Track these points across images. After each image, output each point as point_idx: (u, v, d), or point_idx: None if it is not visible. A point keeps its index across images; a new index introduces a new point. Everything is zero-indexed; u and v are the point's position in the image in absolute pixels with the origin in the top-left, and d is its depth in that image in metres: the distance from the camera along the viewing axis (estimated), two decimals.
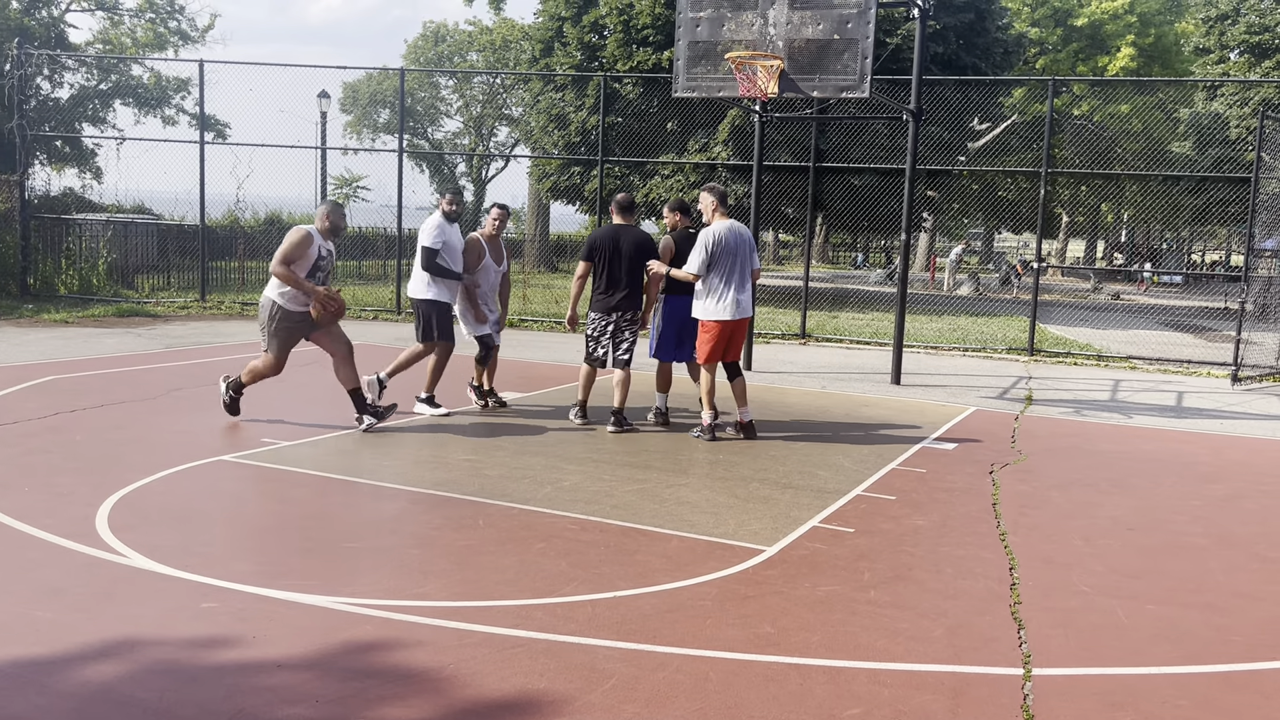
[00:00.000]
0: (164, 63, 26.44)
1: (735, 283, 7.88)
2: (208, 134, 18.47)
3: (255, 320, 8.42)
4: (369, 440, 7.43)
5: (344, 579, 4.62)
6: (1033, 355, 14.38)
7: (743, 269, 7.93)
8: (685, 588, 4.71)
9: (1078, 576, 5.12)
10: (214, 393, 9.04)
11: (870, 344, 15.08)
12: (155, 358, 11.02)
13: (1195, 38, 26.10)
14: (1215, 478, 7.46)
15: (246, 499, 5.84)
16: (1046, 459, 7.86)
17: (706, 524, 5.68)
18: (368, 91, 45.11)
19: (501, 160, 45.62)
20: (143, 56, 26.04)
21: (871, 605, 4.59)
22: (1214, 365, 13.60)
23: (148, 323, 14.33)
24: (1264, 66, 22.65)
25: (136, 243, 18.29)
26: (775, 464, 7.24)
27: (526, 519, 5.65)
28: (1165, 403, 10.90)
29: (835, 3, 9.94)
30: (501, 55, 41.31)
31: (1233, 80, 22.76)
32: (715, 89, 10.60)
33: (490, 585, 4.62)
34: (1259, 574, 5.31)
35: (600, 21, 22.47)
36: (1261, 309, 14.10)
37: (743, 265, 7.93)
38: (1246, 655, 4.23)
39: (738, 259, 7.87)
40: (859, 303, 22.76)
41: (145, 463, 6.49)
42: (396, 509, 5.76)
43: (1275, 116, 13.90)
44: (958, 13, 21.31)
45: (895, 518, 6.03)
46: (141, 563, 4.70)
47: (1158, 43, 39.20)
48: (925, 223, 32.52)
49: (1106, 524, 6.11)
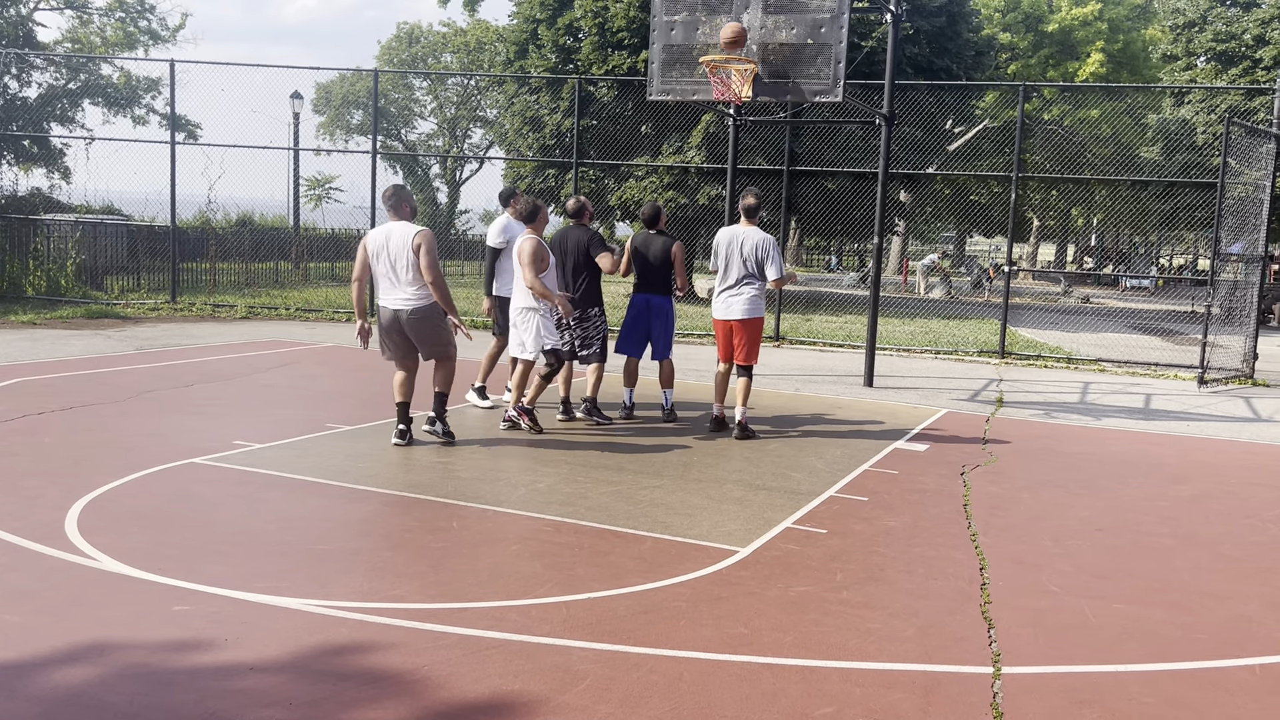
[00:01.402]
0: (134, 62, 26.18)
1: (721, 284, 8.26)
2: (179, 134, 18.32)
3: (225, 321, 8.39)
4: (342, 442, 7.40)
5: (317, 581, 4.60)
6: (1004, 358, 14.51)
7: (727, 271, 8.20)
8: (659, 589, 4.72)
9: (1047, 577, 5.18)
10: (184, 394, 8.98)
11: (843, 346, 15.17)
12: (125, 360, 10.92)
13: (1163, 45, 26.42)
14: (1182, 479, 7.56)
15: (218, 501, 5.81)
16: (1017, 460, 7.94)
17: (681, 525, 5.71)
18: (341, 92, 44.90)
19: (476, 162, 45.53)
20: (112, 56, 25.78)
21: (844, 605, 4.63)
22: (1181, 368, 13.78)
23: (117, 324, 14.20)
24: (1230, 74, 22.95)
25: (106, 243, 18.11)
26: (749, 465, 7.28)
27: (500, 521, 5.65)
28: (1133, 405, 11.04)
29: (809, 7, 10.00)
30: (476, 57, 41.24)
31: (1200, 87, 23.06)
32: (690, 92, 10.63)
33: (464, 587, 4.62)
34: (1224, 573, 5.39)
35: (575, 24, 22.48)
36: (1227, 312, 14.30)
37: (729, 268, 8.20)
38: (1211, 653, 4.30)
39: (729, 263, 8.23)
40: (832, 306, 22.89)
41: (115, 465, 6.43)
42: (370, 511, 5.75)
43: (1241, 123, 14.11)
44: (930, 16, 21.49)
45: (867, 519, 6.07)
46: (112, 565, 4.67)
47: (1126, 49, 39.73)
48: (898, 227, 32.77)
49: (1075, 525, 6.19)
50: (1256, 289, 13.49)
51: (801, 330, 16.76)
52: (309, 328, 14.77)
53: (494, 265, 8.99)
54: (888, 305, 23.21)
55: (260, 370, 10.60)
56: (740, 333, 8.22)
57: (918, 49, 21.27)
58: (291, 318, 15.94)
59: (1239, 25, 22.69)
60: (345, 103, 45.32)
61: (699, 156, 20.29)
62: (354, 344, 13.06)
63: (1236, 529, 6.27)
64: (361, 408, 8.76)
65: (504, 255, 8.89)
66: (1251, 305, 13.52)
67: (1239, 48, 22.73)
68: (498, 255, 8.93)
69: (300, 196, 27.47)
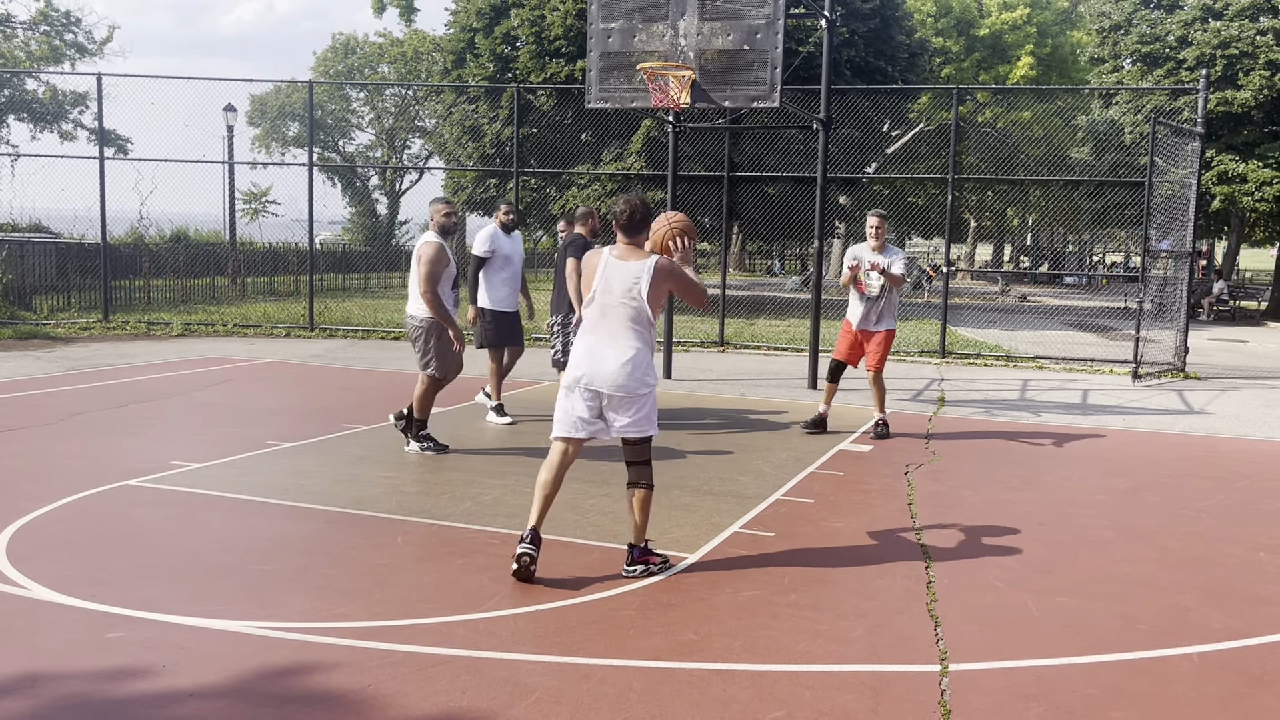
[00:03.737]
0: (60, 76, 25.60)
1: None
2: (109, 149, 17.92)
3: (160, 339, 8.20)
4: (284, 460, 7.27)
5: (258, 603, 4.50)
6: (944, 357, 14.71)
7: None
8: (608, 598, 4.70)
9: (991, 572, 5.25)
10: (118, 415, 8.77)
11: (787, 350, 15.27)
12: (55, 381, 10.64)
13: (1090, 48, 27.03)
14: (1119, 472, 7.71)
15: (154, 524, 5.66)
16: (959, 459, 8.04)
17: (629, 533, 5.67)
18: (276, 104, 44.29)
19: (415, 173, 45.16)
20: (37, 70, 25.17)
21: (792, 608, 4.64)
22: (1116, 363, 14.08)
23: (47, 345, 13.83)
24: (1155, 75, 23.54)
25: (34, 262, 17.63)
26: (696, 471, 7.28)
27: (446, 535, 5.59)
28: (1071, 400, 11.25)
29: (745, 14, 10.07)
30: (413, 67, 40.96)
31: (1126, 88, 23.62)
32: (628, 100, 10.65)
33: (410, 603, 4.55)
34: (1161, 563, 5.50)
35: (512, 33, 22.42)
36: (1158, 307, 14.65)
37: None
38: (1150, 643, 4.38)
39: None
40: (775, 310, 23.04)
41: (45, 490, 6.25)
42: (312, 529, 5.64)
43: (1166, 122, 14.47)
44: (864, 19, 21.77)
45: (814, 521, 6.11)
46: (42, 594, 4.52)
47: (1055, 53, 40.63)
48: (839, 230, 33.09)
49: (1018, 520, 6.27)
50: (1185, 284, 13.84)
51: (746, 335, 16.85)
52: (247, 344, 14.52)
53: (478, 275, 8.87)
54: (830, 308, 23.41)
55: (198, 388, 10.39)
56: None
57: (854, 51, 21.55)
58: (229, 334, 15.65)
59: (1163, 28, 23.28)
60: (281, 114, 44.71)
61: (639, 163, 20.32)
62: (292, 360, 12.87)
63: (1172, 520, 6.40)
64: (303, 424, 8.62)
65: (489, 265, 8.82)
66: (1181, 300, 13.86)
67: (1163, 49, 23.31)
68: (482, 265, 8.82)
69: (236, 210, 27.04)
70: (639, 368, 4.91)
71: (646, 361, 4.96)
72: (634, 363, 4.90)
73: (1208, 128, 16.58)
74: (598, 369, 4.91)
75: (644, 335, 4.96)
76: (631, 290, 4.90)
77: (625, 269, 4.93)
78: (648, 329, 4.97)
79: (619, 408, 4.93)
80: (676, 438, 8.45)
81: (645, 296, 4.89)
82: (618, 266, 4.94)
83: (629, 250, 4.99)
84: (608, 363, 4.89)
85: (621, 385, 4.88)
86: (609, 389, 4.90)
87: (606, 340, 4.93)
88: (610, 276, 4.94)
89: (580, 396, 4.97)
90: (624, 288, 4.91)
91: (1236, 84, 21.84)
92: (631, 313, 4.92)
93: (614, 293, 4.93)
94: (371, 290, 27.79)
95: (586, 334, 5.02)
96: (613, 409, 4.94)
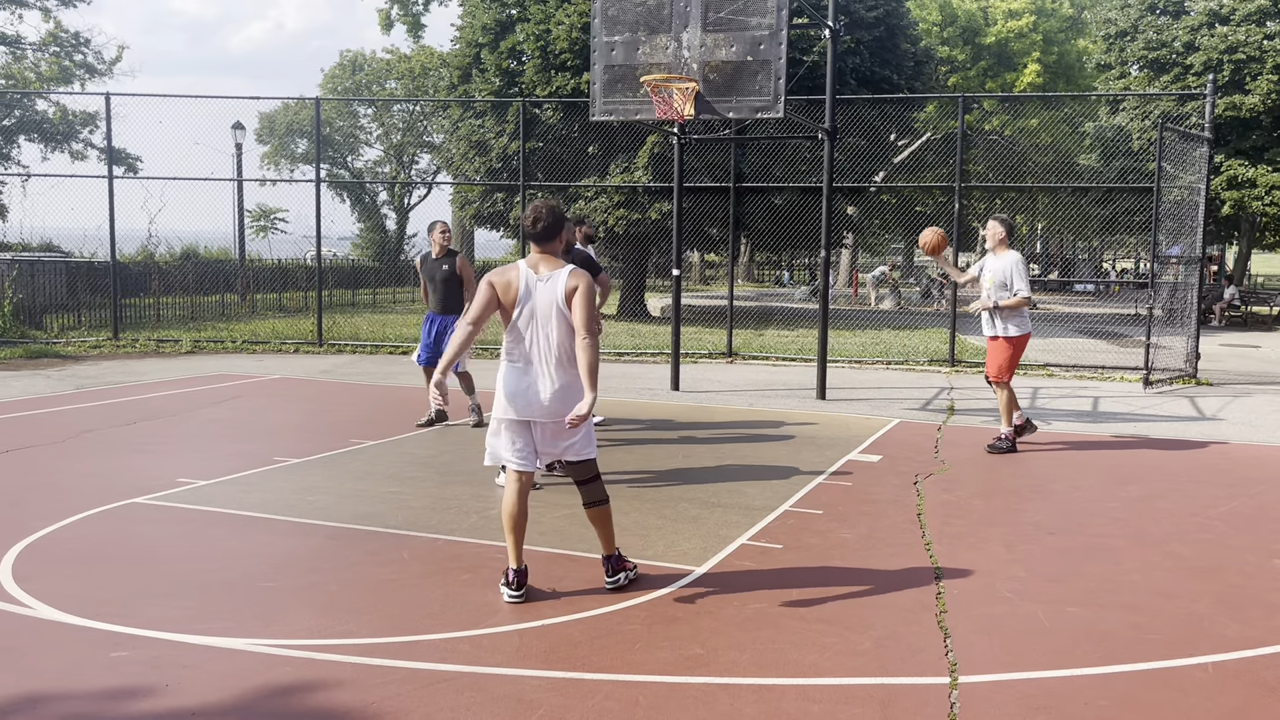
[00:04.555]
0: (69, 96, 25.76)
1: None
2: (119, 168, 18.02)
3: (169, 356, 8.20)
4: (291, 476, 7.26)
5: (262, 620, 4.48)
6: (954, 366, 14.65)
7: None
8: (614, 612, 4.66)
9: (1001, 583, 5.19)
10: (126, 433, 8.78)
11: (795, 360, 15.23)
12: (65, 399, 10.66)
13: (1096, 54, 27.00)
14: (1130, 479, 7.65)
15: (160, 541, 5.65)
16: (969, 468, 7.98)
17: (635, 546, 5.65)
18: (285, 121, 44.48)
19: (423, 188, 45.29)
20: (47, 91, 25.34)
21: (800, 621, 4.60)
22: (1127, 370, 13.99)
23: (58, 364, 13.88)
24: (1162, 81, 23.47)
25: (44, 281, 17.72)
26: (703, 482, 7.24)
27: (452, 550, 5.56)
28: (1081, 408, 11.17)
29: (747, 25, 10.07)
30: (421, 83, 41.10)
31: (1133, 94, 23.56)
32: (632, 112, 10.65)
33: (414, 620, 4.53)
34: (1173, 572, 5.44)
35: (518, 47, 22.46)
36: (1169, 314, 14.57)
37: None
38: (1164, 653, 4.32)
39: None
40: (784, 320, 23.00)
41: (53, 509, 6.25)
42: (317, 545, 5.62)
43: (1174, 128, 14.42)
44: (870, 28, 21.76)
45: (822, 532, 6.06)
46: (47, 613, 4.51)
47: (1061, 60, 40.55)
48: (846, 239, 33.07)
49: (1028, 529, 6.22)
50: (1196, 290, 13.75)
51: (754, 345, 16.81)
52: (256, 360, 14.54)
53: None
54: (838, 318, 23.37)
55: (205, 405, 10.40)
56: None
57: (859, 59, 21.53)
58: (238, 350, 15.68)
59: (1169, 33, 23.24)
60: (290, 132, 44.87)
61: (646, 176, 20.33)
62: (300, 376, 12.88)
63: (1185, 527, 6.34)
64: (310, 440, 8.61)
65: None
66: (1192, 306, 13.77)
67: (1170, 55, 23.26)
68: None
69: (245, 227, 27.15)
70: (574, 392, 4.66)
71: (577, 386, 4.66)
72: (568, 392, 4.67)
73: (1216, 133, 16.52)
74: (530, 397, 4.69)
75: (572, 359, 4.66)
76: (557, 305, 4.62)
77: (547, 284, 4.64)
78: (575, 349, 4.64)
79: (554, 435, 4.73)
80: (684, 450, 8.41)
81: (566, 306, 4.60)
82: (538, 282, 4.66)
83: (545, 261, 4.71)
84: (539, 391, 4.68)
85: (557, 412, 4.67)
86: (540, 418, 4.70)
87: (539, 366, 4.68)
88: (534, 295, 4.65)
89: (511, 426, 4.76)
90: (547, 304, 4.63)
91: (1245, 89, 21.77)
92: (561, 332, 4.64)
93: (540, 312, 4.65)
94: (380, 305, 27.84)
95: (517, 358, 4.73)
96: (548, 437, 4.74)
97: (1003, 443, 8.61)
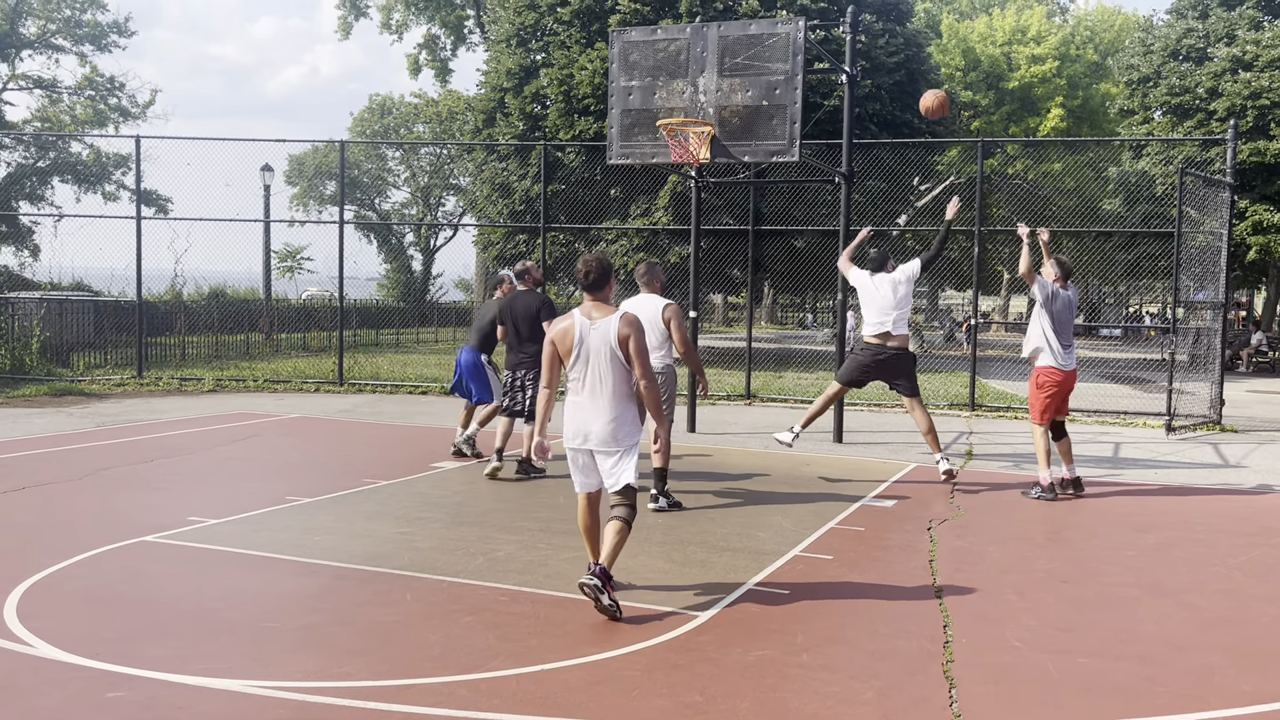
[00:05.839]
0: (102, 139, 26.29)
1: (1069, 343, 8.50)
2: (150, 209, 18.31)
3: (192, 395, 8.29)
4: (300, 516, 7.27)
5: (261, 661, 4.47)
6: (974, 410, 14.53)
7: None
8: (615, 658, 4.62)
9: (1011, 631, 5.11)
10: (143, 470, 8.83)
11: (814, 402, 15.11)
12: (85, 436, 10.76)
13: (1120, 99, 26.98)
14: (1148, 527, 7.52)
15: (166, 580, 5.66)
16: (984, 514, 7.88)
17: (641, 589, 5.60)
18: (314, 164, 45.17)
19: (449, 229, 45.73)
20: (81, 134, 25.86)
21: (803, 669, 4.53)
22: (1150, 415, 13.82)
23: (81, 401, 14.03)
24: (1185, 126, 23.40)
25: (72, 320, 17.97)
26: (714, 526, 7.19)
27: (456, 592, 5.54)
28: (1102, 454, 11.03)
29: (764, 70, 10.15)
30: (448, 126, 41.66)
31: (1156, 139, 23.51)
32: (649, 156, 10.74)
33: (414, 662, 4.50)
34: (1188, 623, 5.33)
35: (542, 92, 22.75)
36: (1193, 359, 14.41)
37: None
38: (1174, 706, 4.22)
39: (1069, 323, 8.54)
40: (803, 362, 22.92)
41: (63, 546, 6.28)
42: (321, 585, 5.61)
43: (1195, 173, 14.35)
44: (890, 73, 21.87)
45: (832, 578, 5.99)
46: (48, 651, 4.52)
47: (1085, 104, 40.60)
48: None
49: (1041, 577, 6.12)
50: (1221, 335, 13.61)
51: (773, 388, 16.76)
52: (277, 399, 14.64)
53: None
54: None
55: (223, 443, 10.46)
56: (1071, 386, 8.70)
57: (880, 105, 21.62)
58: (260, 389, 15.80)
59: (1192, 79, 23.20)
60: (319, 174, 45.56)
61: (666, 218, 20.44)
62: (320, 415, 12.95)
63: (1202, 577, 6.22)
64: (323, 479, 8.63)
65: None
66: (1216, 352, 13.62)
67: (1193, 101, 23.20)
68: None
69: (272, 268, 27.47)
70: (624, 425, 5.29)
71: (631, 417, 5.32)
72: (619, 423, 5.27)
73: (1240, 178, 16.42)
74: (587, 428, 5.28)
75: (627, 391, 5.31)
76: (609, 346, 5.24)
77: (599, 329, 5.26)
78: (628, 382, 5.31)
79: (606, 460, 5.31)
80: (697, 492, 8.37)
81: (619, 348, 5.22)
82: (591, 328, 5.28)
83: (594, 307, 5.34)
84: (592, 423, 5.27)
85: (604, 441, 5.25)
86: (596, 447, 5.28)
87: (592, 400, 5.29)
88: (588, 339, 5.27)
89: (578, 456, 5.39)
90: (600, 346, 5.25)
91: (1269, 134, 21.66)
92: (613, 371, 5.26)
93: (593, 353, 5.27)
94: (404, 345, 28.03)
95: (576, 392, 5.36)
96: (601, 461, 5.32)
97: (1033, 490, 8.48)
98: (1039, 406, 8.51)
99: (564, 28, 22.50)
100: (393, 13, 36.82)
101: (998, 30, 40.83)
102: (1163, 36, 24.62)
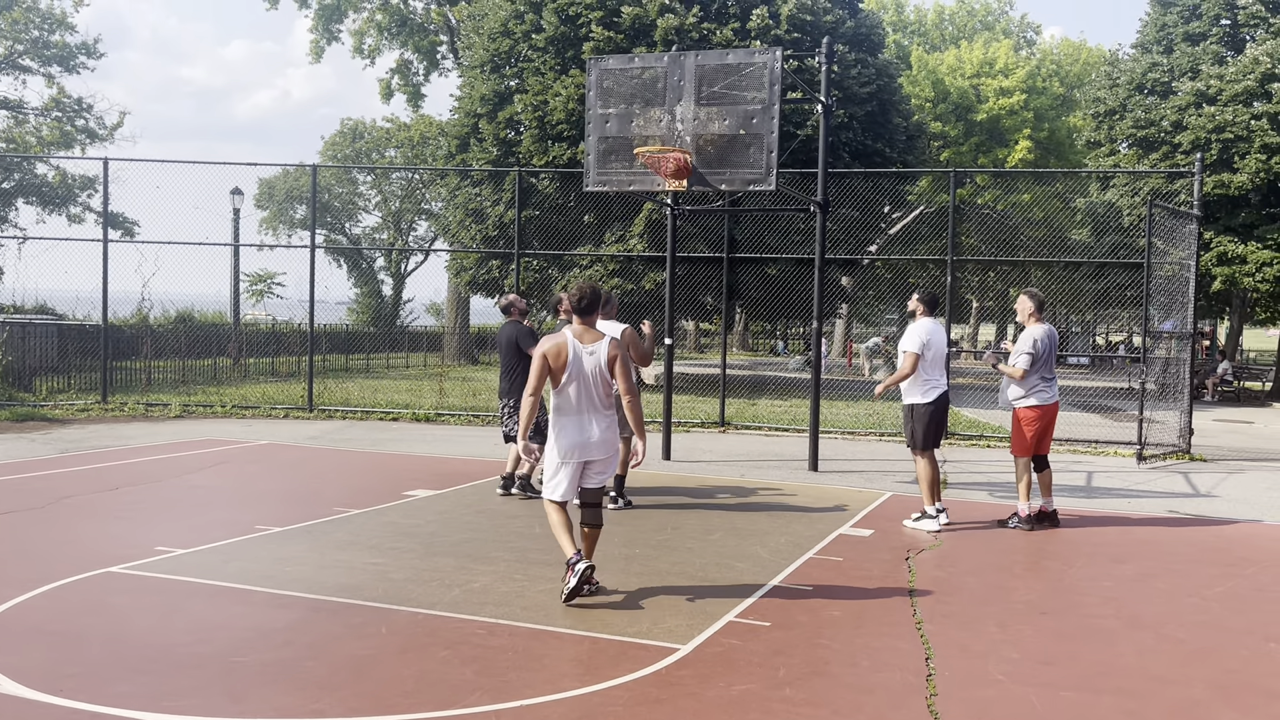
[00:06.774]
0: (68, 160, 25.99)
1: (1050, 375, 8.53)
2: (116, 232, 18.08)
3: (157, 420, 8.12)
4: (270, 545, 7.12)
5: (230, 697, 4.34)
6: (947, 439, 14.56)
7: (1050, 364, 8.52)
8: (595, 693, 4.53)
9: (993, 664, 5.07)
10: (108, 499, 8.64)
11: (789, 430, 15.14)
12: (48, 464, 10.54)
13: (1086, 132, 27.37)
14: (1125, 558, 7.53)
15: (133, 613, 5.51)
16: (962, 543, 7.87)
17: (620, 623, 5.52)
18: (284, 188, 44.86)
19: (420, 254, 45.53)
20: (46, 155, 25.55)
21: (785, 703, 4.47)
22: (1120, 444, 13.91)
23: (44, 427, 13.76)
24: (1151, 158, 23.75)
25: (35, 344, 17.66)
26: (692, 557, 7.12)
27: (432, 624, 5.43)
28: (1075, 483, 11.08)
29: (740, 99, 10.17)
30: (420, 151, 41.56)
31: (1123, 171, 23.84)
32: (626, 183, 10.72)
33: (388, 698, 4.39)
34: (1169, 655, 5.32)
35: (516, 118, 22.76)
36: (1162, 388, 14.54)
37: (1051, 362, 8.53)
38: None
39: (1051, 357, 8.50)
40: (777, 390, 22.95)
41: (24, 577, 6.11)
42: (294, 618, 5.49)
43: (1163, 205, 14.54)
44: (862, 104, 22.07)
45: (811, 609, 5.94)
46: (8, 688, 4.37)
47: (1052, 136, 41.20)
48: (841, 310, 33.19)
49: (1021, 608, 6.10)
50: (1188, 365, 13.75)
51: (747, 415, 16.74)
52: (245, 425, 14.43)
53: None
54: (832, 388, 23.32)
55: (190, 471, 10.27)
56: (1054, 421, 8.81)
57: (852, 134, 21.81)
58: (227, 415, 15.58)
59: (1157, 112, 23.57)
60: (289, 197, 45.24)
61: (641, 245, 20.45)
62: (289, 442, 12.77)
63: (1180, 608, 6.22)
64: (294, 508, 8.48)
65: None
66: (1184, 381, 13.76)
67: (1158, 133, 23.56)
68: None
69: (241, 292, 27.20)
70: (613, 431, 6.04)
71: (617, 423, 6.13)
72: (610, 429, 6.00)
73: (1206, 210, 16.64)
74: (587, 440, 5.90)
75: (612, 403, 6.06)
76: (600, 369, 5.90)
77: (593, 355, 5.89)
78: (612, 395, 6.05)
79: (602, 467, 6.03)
80: (673, 522, 8.30)
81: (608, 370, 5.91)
82: (585, 352, 5.88)
83: (585, 331, 5.94)
84: (593, 434, 5.90)
85: (604, 448, 5.95)
86: (597, 455, 5.94)
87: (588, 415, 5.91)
88: (582, 363, 5.86)
89: (572, 467, 5.93)
90: (592, 369, 5.88)
91: (1233, 167, 22.02)
92: (605, 388, 5.95)
93: (587, 376, 5.88)
94: (374, 370, 27.79)
95: (569, 411, 5.91)
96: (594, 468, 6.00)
97: (1010, 520, 8.49)
98: (1023, 442, 8.49)
99: (538, 54, 22.55)
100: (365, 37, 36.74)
101: (966, 63, 41.40)
102: (1128, 70, 25.02)
